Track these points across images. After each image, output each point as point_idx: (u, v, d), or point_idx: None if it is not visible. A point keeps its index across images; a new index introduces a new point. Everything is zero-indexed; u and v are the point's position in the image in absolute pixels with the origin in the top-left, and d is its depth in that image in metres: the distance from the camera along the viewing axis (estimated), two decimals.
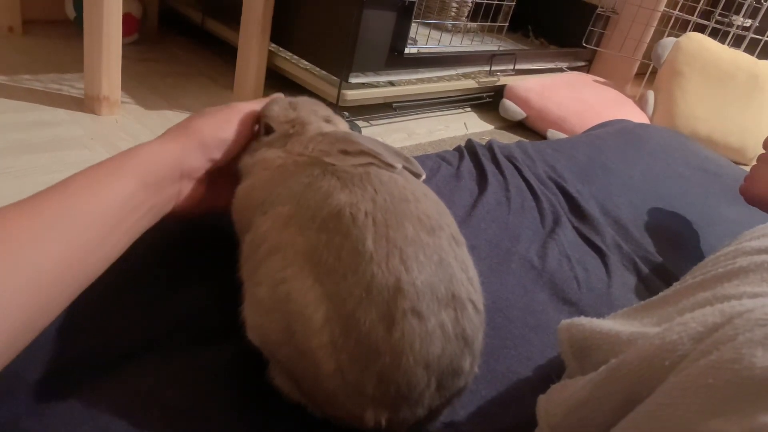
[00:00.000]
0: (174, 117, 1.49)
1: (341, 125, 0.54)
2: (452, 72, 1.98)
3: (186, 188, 0.48)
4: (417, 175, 0.49)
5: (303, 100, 0.55)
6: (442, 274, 0.39)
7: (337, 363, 0.37)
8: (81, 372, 0.45)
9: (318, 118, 0.52)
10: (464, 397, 0.43)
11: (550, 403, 0.40)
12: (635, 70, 2.66)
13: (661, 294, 0.45)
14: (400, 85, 1.77)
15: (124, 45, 1.37)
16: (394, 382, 0.37)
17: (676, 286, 0.45)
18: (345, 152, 0.45)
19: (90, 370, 0.45)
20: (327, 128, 0.52)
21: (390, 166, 0.44)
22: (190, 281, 0.53)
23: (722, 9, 2.45)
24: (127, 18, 1.54)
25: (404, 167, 0.48)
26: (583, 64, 2.67)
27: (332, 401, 0.39)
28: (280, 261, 0.40)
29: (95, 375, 0.44)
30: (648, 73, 2.53)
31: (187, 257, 0.56)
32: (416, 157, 0.91)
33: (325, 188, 0.42)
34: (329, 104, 0.59)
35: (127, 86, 1.51)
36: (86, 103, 1.39)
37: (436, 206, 0.44)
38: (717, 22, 2.46)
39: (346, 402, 0.38)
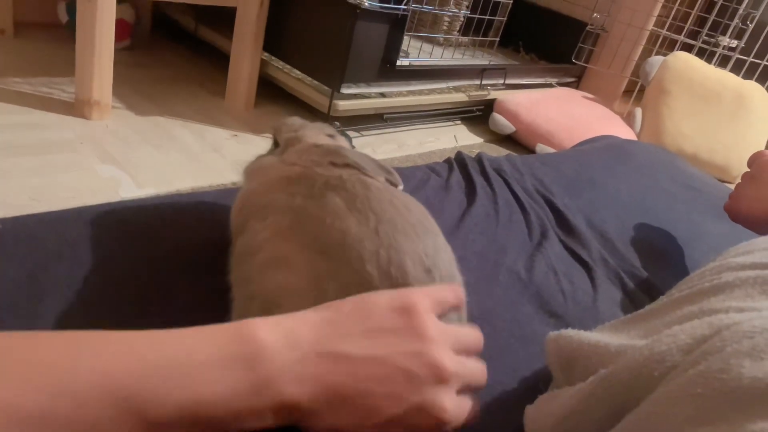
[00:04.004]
0: (165, 123, 1.49)
1: (339, 141, 0.55)
2: (443, 85, 1.99)
3: None
4: (394, 185, 0.49)
5: (314, 123, 0.57)
6: None
7: None
8: None
9: (320, 134, 0.54)
10: None
11: (538, 414, 0.40)
12: (623, 87, 2.69)
13: (647, 307, 0.45)
14: (391, 96, 1.78)
15: (116, 50, 1.37)
16: None
17: (662, 299, 0.45)
18: (333, 164, 0.46)
19: None
20: (323, 141, 0.52)
21: (372, 179, 0.46)
22: (177, 287, 0.53)
23: (709, 29, 2.50)
24: (119, 23, 1.54)
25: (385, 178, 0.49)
26: (572, 80, 2.70)
27: None
28: (281, 282, 0.40)
29: None
30: (636, 90, 2.56)
31: (174, 262, 0.55)
32: (406, 168, 0.91)
33: (331, 207, 0.42)
34: (320, 114, 0.61)
35: (118, 91, 1.51)
36: (76, 107, 1.39)
37: (432, 241, 0.44)
38: (704, 42, 2.50)
39: None
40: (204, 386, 0.30)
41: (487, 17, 2.16)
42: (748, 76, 2.39)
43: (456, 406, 0.35)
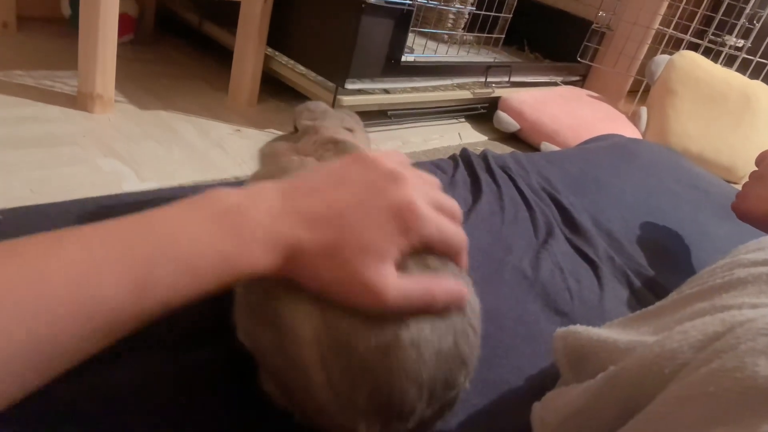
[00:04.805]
0: (168, 117, 1.48)
1: (359, 136, 0.54)
2: (448, 82, 1.99)
3: None
4: None
5: (339, 112, 0.56)
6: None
7: (328, 376, 0.37)
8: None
9: (339, 127, 0.53)
10: (455, 406, 0.43)
11: (546, 411, 0.40)
12: (629, 86, 2.68)
13: (657, 304, 0.44)
14: (395, 93, 1.78)
15: (119, 44, 1.36)
16: (385, 399, 0.37)
17: (672, 296, 0.44)
18: None
19: (73, 369, 0.44)
20: (341, 135, 0.51)
21: None
22: None
23: (715, 29, 2.48)
24: (123, 18, 1.53)
25: None
26: (577, 78, 2.69)
27: (322, 413, 0.39)
28: None
29: (79, 373, 0.43)
30: (641, 89, 2.55)
31: None
32: (411, 165, 0.90)
33: None
34: None
35: (121, 85, 1.50)
36: (79, 101, 1.38)
37: None
38: (710, 41, 2.49)
39: (337, 414, 0.38)
40: (192, 245, 0.31)
41: (492, 14, 2.15)
42: (754, 75, 2.37)
43: (429, 209, 0.37)
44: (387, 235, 0.35)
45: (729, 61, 2.45)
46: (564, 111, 2.11)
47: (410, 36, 1.71)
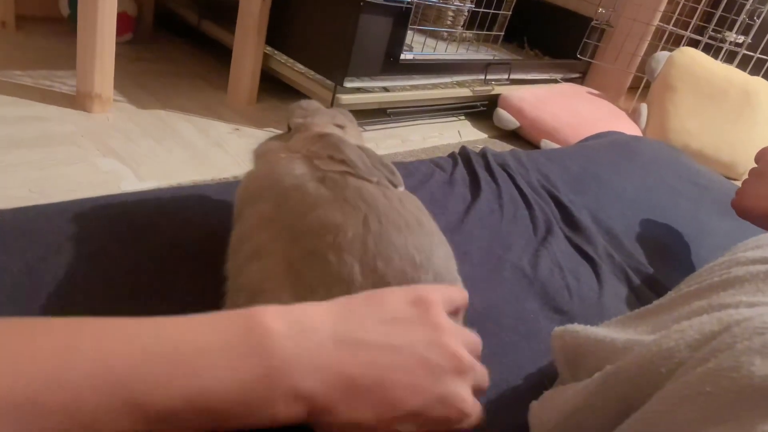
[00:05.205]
0: (166, 117, 1.48)
1: (351, 132, 0.54)
2: (447, 80, 1.98)
3: None
4: (394, 185, 0.48)
5: (332, 110, 0.57)
6: None
7: None
8: None
9: (329, 123, 0.53)
10: None
11: (544, 410, 0.40)
12: (629, 83, 2.67)
13: (655, 302, 0.44)
14: (394, 91, 1.77)
15: (118, 44, 1.36)
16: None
17: (670, 294, 0.44)
18: (331, 158, 0.46)
19: None
20: (329, 130, 0.52)
21: (365, 180, 0.44)
22: (177, 279, 0.53)
23: (715, 25, 2.48)
24: (122, 17, 1.53)
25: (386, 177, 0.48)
26: (577, 75, 2.69)
27: None
28: (260, 271, 0.39)
29: None
30: (641, 86, 2.54)
31: (174, 255, 0.55)
32: (410, 163, 0.90)
33: (313, 196, 0.41)
34: None
35: (119, 85, 1.50)
36: (78, 100, 1.38)
37: (428, 238, 0.43)
38: (710, 37, 2.48)
39: None
40: (209, 375, 0.28)
41: (491, 11, 2.14)
42: (754, 72, 2.37)
43: (474, 400, 0.34)
44: (423, 425, 0.32)
45: (729, 58, 2.44)
46: (564, 108, 2.11)
47: (409, 34, 1.70)
